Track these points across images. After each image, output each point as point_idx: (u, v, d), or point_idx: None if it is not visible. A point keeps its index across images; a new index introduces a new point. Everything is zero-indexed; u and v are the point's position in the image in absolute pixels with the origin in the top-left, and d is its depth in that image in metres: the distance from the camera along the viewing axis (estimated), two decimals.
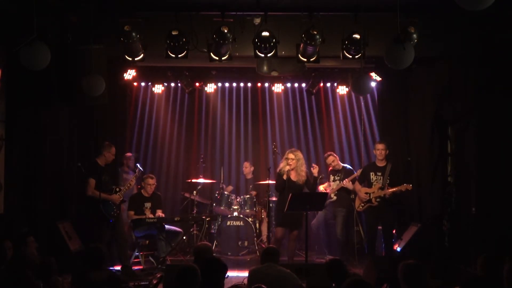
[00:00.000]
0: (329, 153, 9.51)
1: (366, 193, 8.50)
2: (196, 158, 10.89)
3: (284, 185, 8.14)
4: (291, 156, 8.31)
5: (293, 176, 8.30)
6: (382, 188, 8.38)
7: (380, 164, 8.51)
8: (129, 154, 9.97)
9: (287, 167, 8.18)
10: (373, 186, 8.46)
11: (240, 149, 11.28)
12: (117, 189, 8.30)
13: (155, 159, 11.04)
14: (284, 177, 8.12)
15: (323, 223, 9.39)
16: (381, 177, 8.42)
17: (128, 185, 8.57)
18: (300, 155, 8.47)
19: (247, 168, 10.50)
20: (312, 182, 8.42)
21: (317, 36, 6.82)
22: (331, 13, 7.29)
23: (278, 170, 8.32)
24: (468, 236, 7.82)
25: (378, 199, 8.40)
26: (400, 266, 4.38)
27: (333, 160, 9.30)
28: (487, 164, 7.56)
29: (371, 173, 8.57)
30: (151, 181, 8.92)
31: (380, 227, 8.64)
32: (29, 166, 7.77)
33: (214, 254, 7.35)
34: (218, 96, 11.23)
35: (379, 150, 8.49)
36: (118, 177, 9.41)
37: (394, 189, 8.24)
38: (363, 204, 8.56)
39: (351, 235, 9.48)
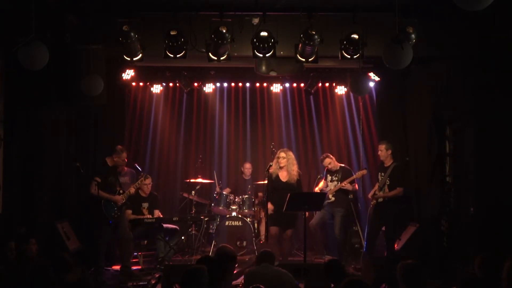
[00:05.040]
0: (325, 155, 9.44)
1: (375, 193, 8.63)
2: (194, 158, 10.88)
3: (272, 186, 8.24)
4: (282, 155, 8.38)
5: (283, 176, 8.31)
6: (380, 188, 8.45)
7: (386, 164, 8.59)
8: None
9: (274, 167, 8.25)
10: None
11: (239, 149, 11.27)
12: (121, 191, 8.29)
13: (153, 159, 11.02)
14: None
15: (322, 223, 9.38)
16: (383, 178, 8.48)
17: (132, 189, 8.52)
18: (291, 154, 8.55)
19: (249, 169, 10.49)
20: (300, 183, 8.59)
21: (316, 36, 6.81)
22: (329, 13, 7.29)
23: (270, 171, 8.35)
24: (466, 236, 7.83)
25: (378, 200, 8.49)
26: (398, 266, 4.39)
27: (330, 162, 9.27)
28: (485, 164, 7.57)
29: (379, 173, 8.68)
30: (147, 181, 8.92)
31: (383, 228, 8.69)
32: (27, 166, 7.77)
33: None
34: (217, 96, 11.22)
35: (379, 151, 8.61)
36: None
37: (382, 194, 8.43)
38: (372, 203, 8.70)
39: (349, 235, 9.51)
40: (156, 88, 10.72)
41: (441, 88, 8.41)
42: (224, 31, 6.75)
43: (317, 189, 9.40)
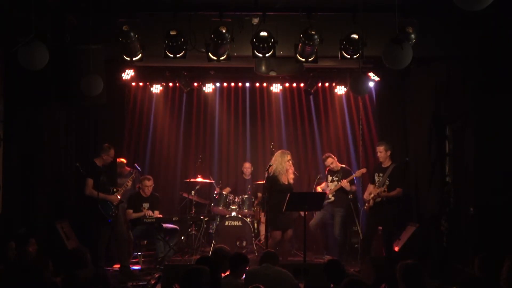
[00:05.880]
0: (327, 154, 9.50)
1: (370, 193, 8.57)
2: (194, 158, 10.88)
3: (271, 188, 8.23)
4: (290, 157, 8.33)
5: (284, 178, 8.28)
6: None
7: (385, 165, 8.57)
8: (120, 160, 9.52)
9: (276, 168, 8.21)
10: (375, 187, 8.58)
11: (238, 149, 11.28)
12: (115, 190, 8.31)
13: (153, 159, 11.03)
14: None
15: (322, 223, 9.40)
16: (382, 178, 8.47)
17: (125, 186, 8.55)
18: None
19: (248, 169, 10.50)
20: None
21: (315, 36, 6.81)
22: (329, 13, 7.29)
23: (272, 173, 8.30)
24: (466, 236, 7.83)
25: (376, 200, 8.47)
26: (398, 266, 4.39)
27: (332, 162, 9.31)
28: (485, 164, 7.57)
29: (375, 174, 8.65)
30: (148, 183, 8.94)
31: (380, 227, 8.68)
32: (27, 166, 7.77)
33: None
34: (216, 96, 11.23)
35: (377, 152, 8.62)
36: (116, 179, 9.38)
37: (383, 194, 8.38)
38: (366, 204, 8.64)
39: (349, 235, 9.51)
40: (156, 88, 10.72)
41: (441, 88, 8.40)
42: (223, 31, 6.74)
43: (319, 188, 9.40)
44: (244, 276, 5.49)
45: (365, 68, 8.84)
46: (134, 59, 7.24)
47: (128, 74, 9.41)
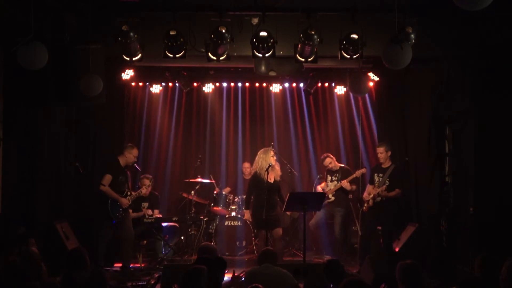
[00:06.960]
0: (325, 155, 9.48)
1: (369, 193, 8.57)
2: (194, 158, 10.88)
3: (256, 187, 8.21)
4: (273, 153, 8.36)
5: (270, 176, 8.27)
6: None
7: (384, 165, 8.57)
8: None
9: (263, 167, 8.22)
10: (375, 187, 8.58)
11: (238, 149, 11.26)
12: (128, 193, 8.29)
13: (153, 159, 11.02)
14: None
15: (322, 223, 9.39)
16: (382, 178, 8.47)
17: (139, 192, 8.54)
18: None
19: (248, 169, 10.49)
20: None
21: (315, 36, 6.81)
22: (329, 13, 7.29)
23: (257, 171, 8.31)
24: (465, 236, 7.83)
25: (375, 199, 8.46)
26: (397, 266, 4.39)
27: (330, 162, 9.31)
28: (484, 164, 7.57)
29: (375, 174, 8.64)
30: (147, 182, 8.93)
31: (379, 227, 8.67)
32: (26, 166, 7.76)
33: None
34: (216, 96, 11.22)
35: (378, 153, 8.62)
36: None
37: (382, 193, 8.34)
38: (365, 205, 8.63)
39: (349, 235, 9.50)
40: (156, 88, 10.71)
41: (440, 88, 8.41)
42: (223, 31, 6.75)
43: (319, 188, 9.40)
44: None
45: (364, 68, 8.84)
46: (133, 59, 7.24)
47: (127, 74, 9.41)
